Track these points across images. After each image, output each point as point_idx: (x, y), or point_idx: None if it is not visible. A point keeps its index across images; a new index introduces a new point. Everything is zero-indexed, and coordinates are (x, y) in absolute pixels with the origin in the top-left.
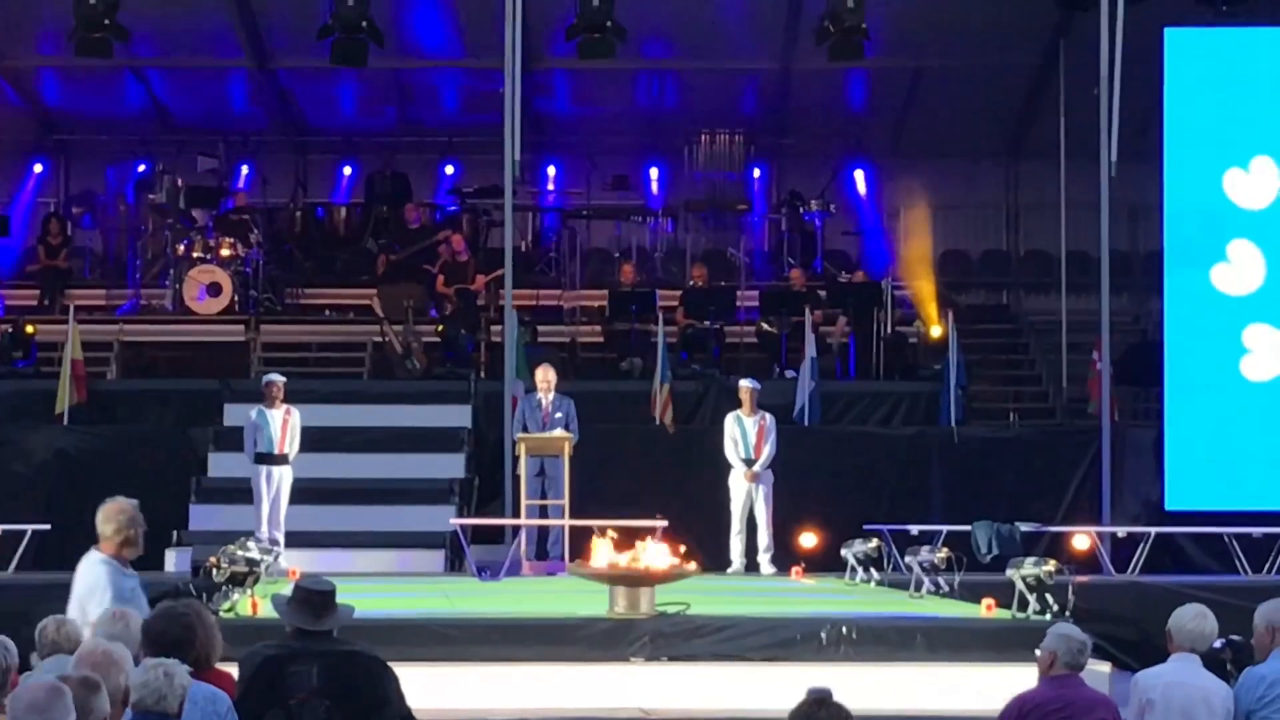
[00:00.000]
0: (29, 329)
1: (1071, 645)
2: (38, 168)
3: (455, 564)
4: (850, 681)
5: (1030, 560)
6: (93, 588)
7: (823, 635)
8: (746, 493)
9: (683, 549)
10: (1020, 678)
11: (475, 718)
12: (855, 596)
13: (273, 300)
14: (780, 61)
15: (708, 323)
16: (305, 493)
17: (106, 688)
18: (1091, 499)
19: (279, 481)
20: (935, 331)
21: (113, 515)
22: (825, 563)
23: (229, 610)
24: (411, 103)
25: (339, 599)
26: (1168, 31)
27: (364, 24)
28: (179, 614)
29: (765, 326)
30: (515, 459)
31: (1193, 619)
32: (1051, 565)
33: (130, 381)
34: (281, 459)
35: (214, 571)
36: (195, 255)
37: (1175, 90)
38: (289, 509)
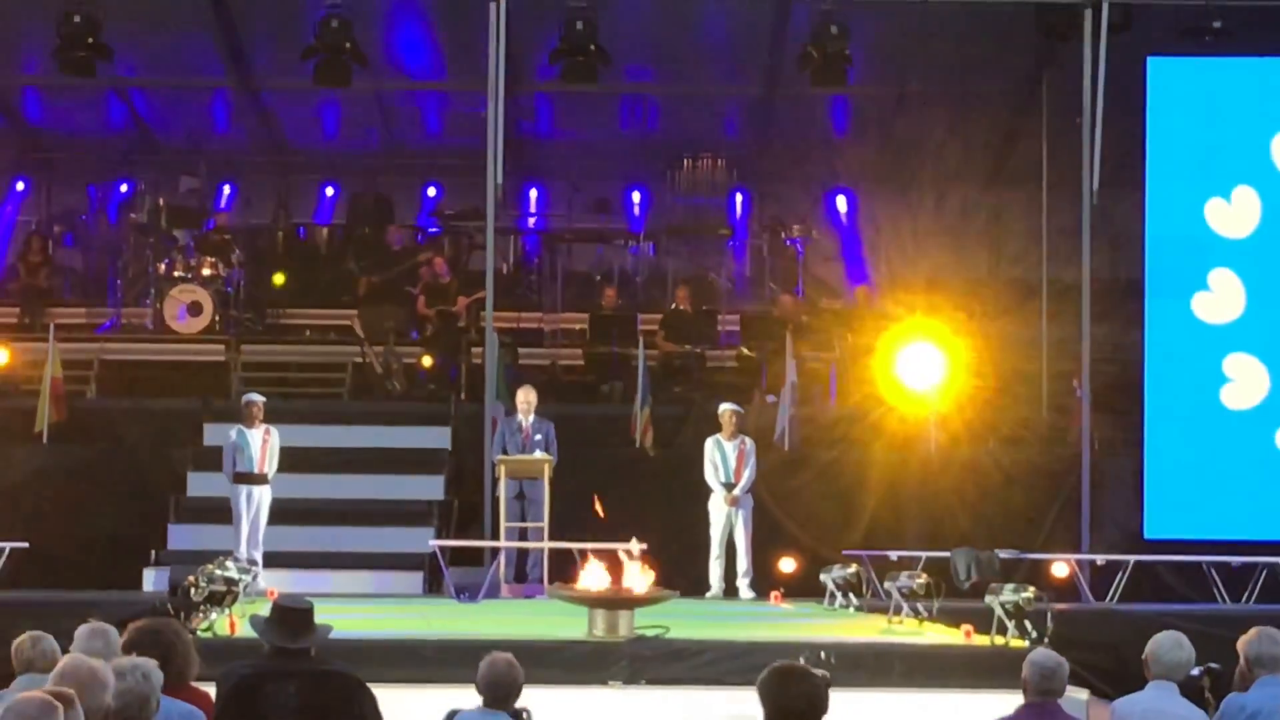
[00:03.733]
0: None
1: (1040, 671)
2: (20, 186)
3: (434, 586)
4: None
5: (1009, 587)
6: None
7: (801, 660)
8: (726, 517)
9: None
10: (998, 704)
11: None
12: (834, 621)
13: (253, 320)
14: (763, 87)
15: (689, 346)
16: (284, 513)
17: (90, 704)
18: (1071, 526)
19: (258, 501)
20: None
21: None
22: (804, 588)
23: (207, 629)
24: (394, 124)
25: (317, 619)
26: (1151, 61)
27: (347, 45)
28: (156, 630)
29: (746, 351)
30: (495, 481)
31: (1170, 647)
32: (1030, 592)
33: (110, 400)
34: (261, 479)
35: (192, 591)
36: (176, 275)
37: (1158, 119)
38: (268, 529)
